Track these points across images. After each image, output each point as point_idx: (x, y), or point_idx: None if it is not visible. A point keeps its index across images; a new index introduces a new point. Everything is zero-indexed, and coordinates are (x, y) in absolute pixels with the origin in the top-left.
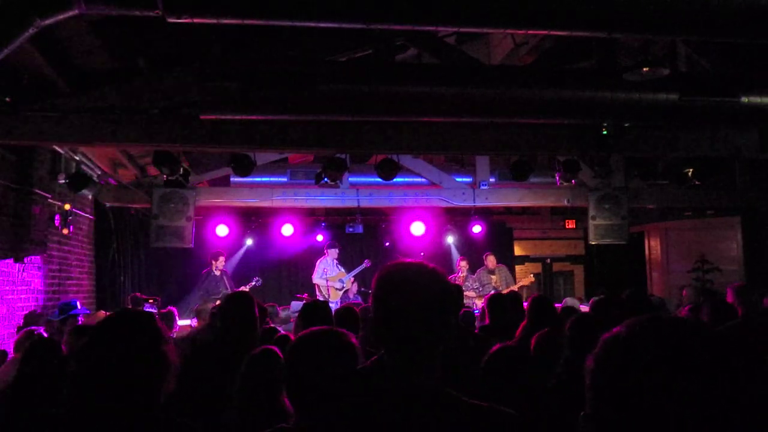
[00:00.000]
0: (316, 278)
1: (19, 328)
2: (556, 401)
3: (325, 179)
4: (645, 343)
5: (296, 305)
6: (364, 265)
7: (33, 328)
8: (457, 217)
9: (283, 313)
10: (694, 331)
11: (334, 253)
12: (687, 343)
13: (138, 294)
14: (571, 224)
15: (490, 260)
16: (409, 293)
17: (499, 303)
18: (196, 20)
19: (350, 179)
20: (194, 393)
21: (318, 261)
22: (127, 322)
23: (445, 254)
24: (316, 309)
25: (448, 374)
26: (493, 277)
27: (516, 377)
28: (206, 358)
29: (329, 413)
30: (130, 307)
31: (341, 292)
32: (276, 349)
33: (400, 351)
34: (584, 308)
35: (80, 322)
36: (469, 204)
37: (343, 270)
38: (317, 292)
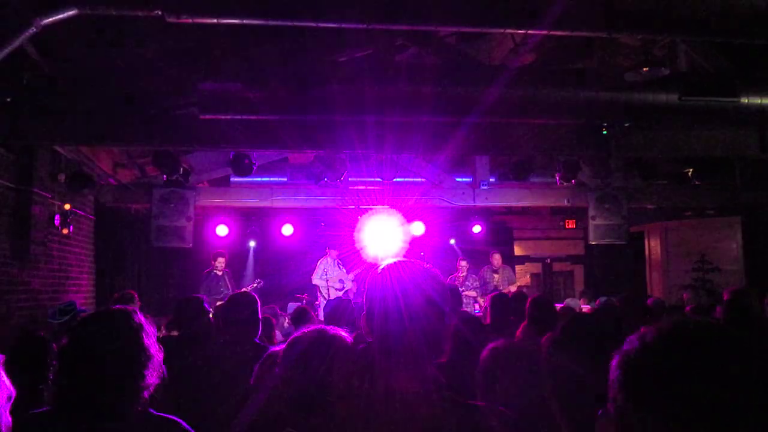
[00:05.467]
0: (316, 279)
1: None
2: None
3: (325, 179)
4: (683, 349)
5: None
6: None
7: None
8: (457, 217)
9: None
10: (727, 335)
11: (334, 253)
12: (723, 349)
13: (132, 292)
14: (571, 224)
15: (496, 259)
16: (400, 291)
17: (500, 303)
18: (195, 20)
19: (350, 179)
20: (192, 391)
21: (318, 261)
22: (106, 316)
23: (445, 254)
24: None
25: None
26: (496, 276)
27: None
28: (205, 357)
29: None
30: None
31: (341, 293)
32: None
33: (390, 347)
34: (585, 308)
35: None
36: (469, 204)
37: (343, 270)
38: (318, 293)
